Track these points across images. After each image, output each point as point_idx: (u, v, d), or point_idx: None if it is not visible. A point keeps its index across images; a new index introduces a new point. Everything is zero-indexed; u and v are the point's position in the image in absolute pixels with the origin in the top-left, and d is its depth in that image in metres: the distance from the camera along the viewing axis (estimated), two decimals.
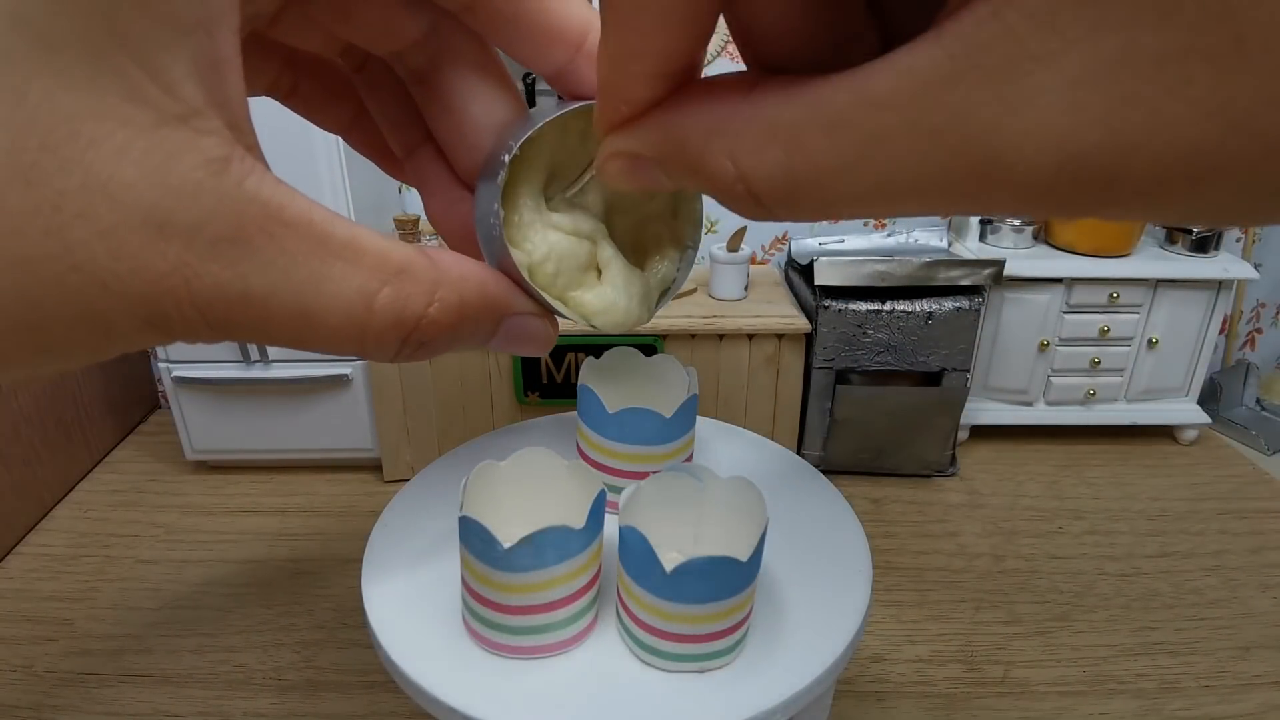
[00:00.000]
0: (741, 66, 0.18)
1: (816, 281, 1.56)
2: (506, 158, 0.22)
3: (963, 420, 1.74)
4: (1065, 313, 1.72)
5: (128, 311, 0.14)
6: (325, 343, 0.17)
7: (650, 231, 0.27)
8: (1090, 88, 0.11)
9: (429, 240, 1.65)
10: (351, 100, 0.26)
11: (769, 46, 0.17)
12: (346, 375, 1.64)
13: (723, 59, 1.77)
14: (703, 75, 0.17)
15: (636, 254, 0.27)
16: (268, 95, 0.24)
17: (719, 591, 0.50)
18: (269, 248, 0.15)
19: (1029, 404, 1.83)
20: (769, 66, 0.17)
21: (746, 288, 1.66)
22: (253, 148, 0.15)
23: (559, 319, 0.24)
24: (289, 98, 0.25)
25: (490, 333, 0.21)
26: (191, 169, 0.14)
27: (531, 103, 1.73)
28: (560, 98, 0.24)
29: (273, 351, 1.62)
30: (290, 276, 0.15)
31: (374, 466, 1.76)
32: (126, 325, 0.14)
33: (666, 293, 0.28)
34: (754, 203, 0.15)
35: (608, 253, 0.26)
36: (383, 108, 0.25)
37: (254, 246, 0.15)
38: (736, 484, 0.55)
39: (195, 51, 0.14)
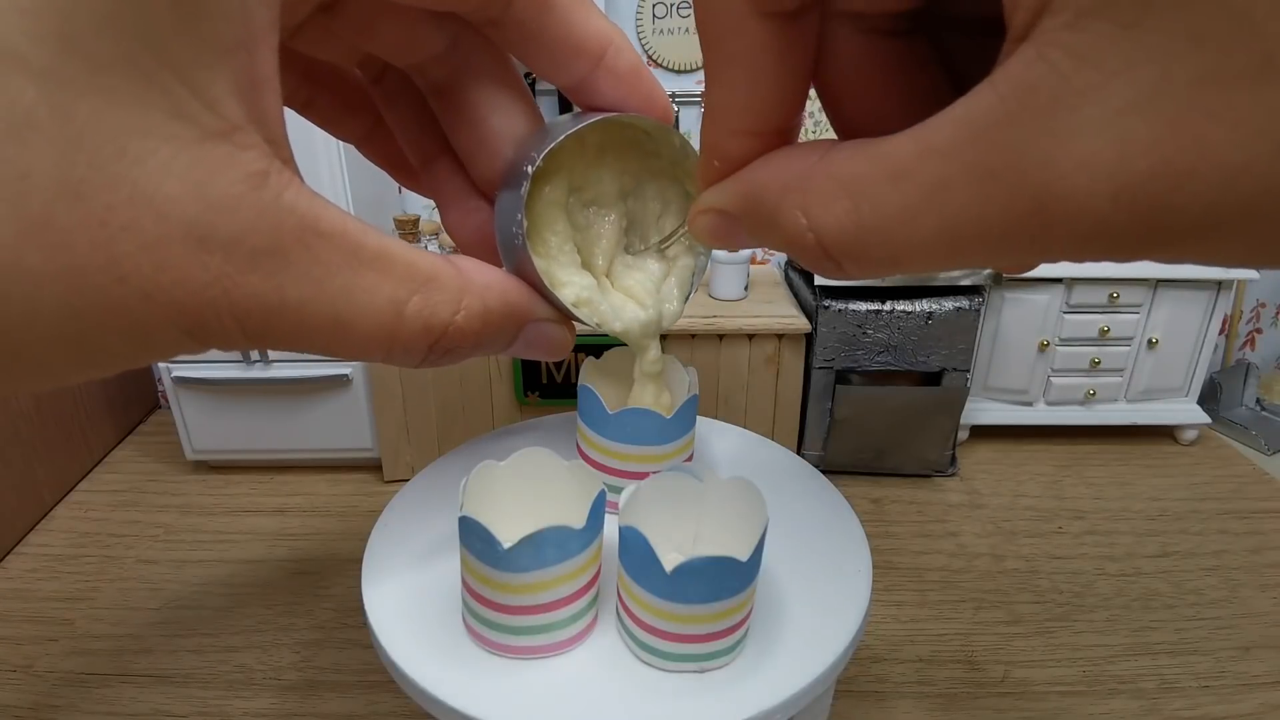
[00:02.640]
0: None
1: (816, 281, 1.56)
2: (530, 169, 0.22)
3: (963, 420, 1.74)
4: (1065, 313, 1.72)
5: (168, 322, 0.14)
6: (356, 350, 0.17)
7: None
8: (1134, 117, 0.11)
9: (427, 241, 1.65)
10: (368, 112, 0.26)
11: (856, 116, 0.18)
12: (346, 375, 1.64)
13: None
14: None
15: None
16: (285, 106, 0.24)
17: (719, 591, 0.50)
18: (305, 259, 0.15)
19: (1029, 404, 1.83)
20: (858, 135, 0.17)
21: (747, 288, 1.66)
22: (289, 161, 0.16)
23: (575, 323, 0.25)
24: (306, 109, 0.25)
25: (511, 338, 0.22)
26: (232, 183, 0.14)
27: None
28: (577, 111, 0.24)
29: (273, 351, 1.62)
30: (324, 286, 0.16)
31: (374, 466, 1.76)
32: (166, 335, 0.15)
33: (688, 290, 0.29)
34: (823, 254, 0.16)
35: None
36: (400, 119, 0.25)
37: (291, 258, 0.15)
38: (736, 484, 0.55)
39: (236, 70, 0.14)
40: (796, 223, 0.16)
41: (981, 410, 1.83)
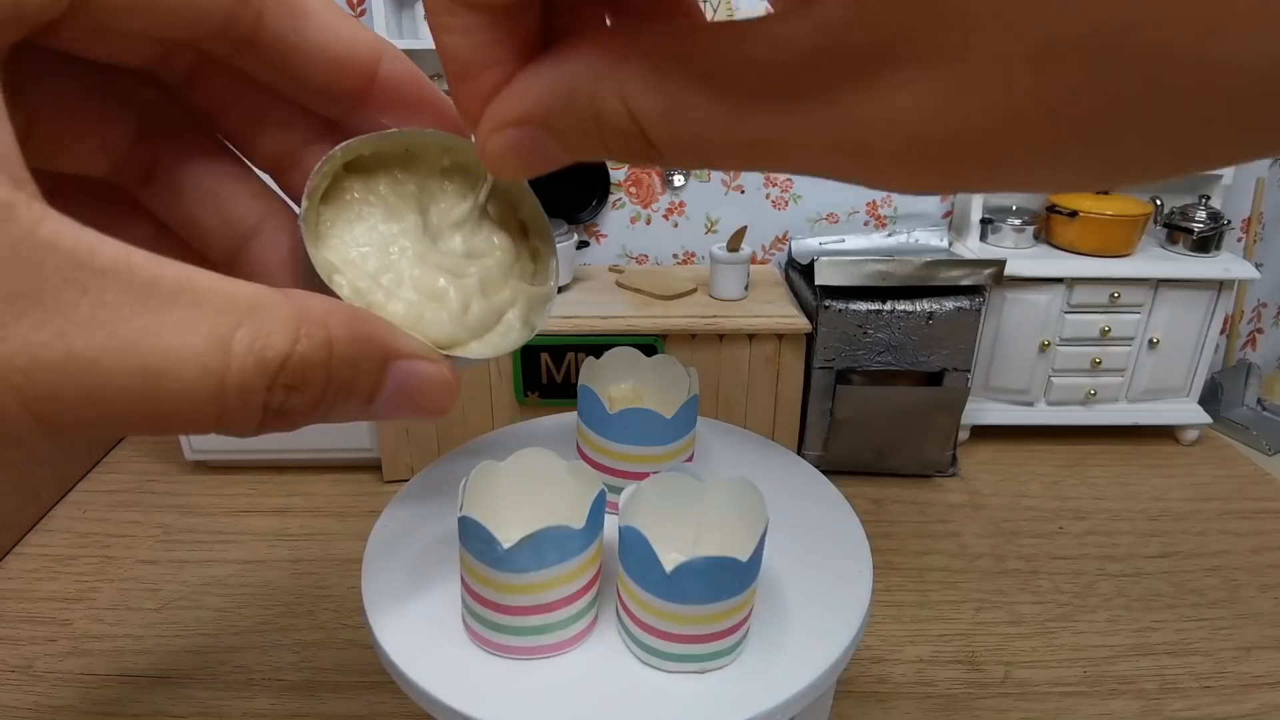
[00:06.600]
0: None
1: (817, 281, 1.56)
2: (306, 192, 0.21)
3: (963, 420, 1.74)
4: (1066, 313, 1.72)
5: None
6: (180, 409, 0.14)
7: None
8: (935, 76, 0.12)
9: None
10: (144, 217, 0.22)
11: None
12: None
13: None
14: None
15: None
16: None
17: (719, 592, 0.50)
18: (84, 302, 0.12)
19: (1030, 404, 1.83)
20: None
21: (747, 288, 1.65)
22: (38, 196, 0.13)
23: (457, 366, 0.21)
24: None
25: (375, 380, 0.17)
26: None
27: None
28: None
29: None
30: (119, 332, 0.13)
31: (374, 466, 1.75)
32: None
33: (539, 311, 0.25)
34: (646, 144, 0.15)
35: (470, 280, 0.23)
36: (187, 215, 0.22)
37: (63, 301, 0.12)
38: (736, 484, 0.55)
39: None
40: (617, 109, 0.15)
41: (982, 410, 1.82)
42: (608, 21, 0.18)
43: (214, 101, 0.21)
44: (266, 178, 0.23)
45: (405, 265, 0.22)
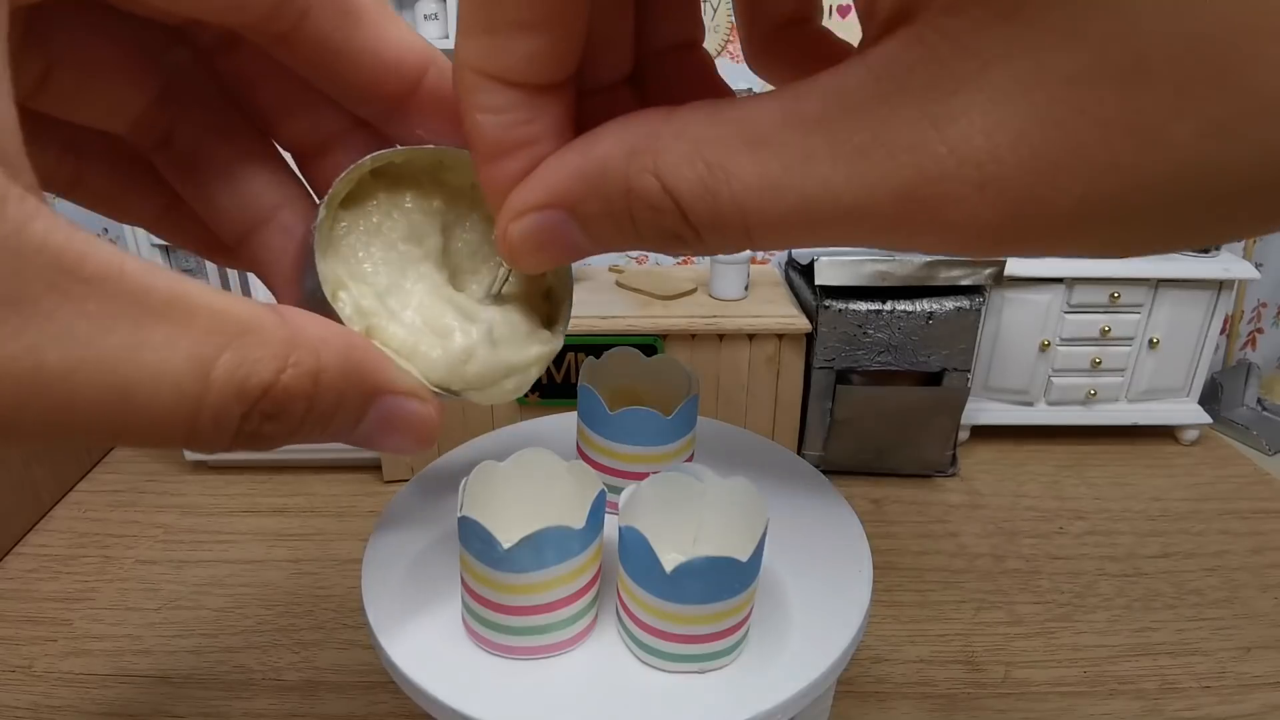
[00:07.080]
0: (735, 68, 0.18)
1: (817, 281, 1.56)
2: (326, 198, 0.20)
3: (963, 420, 1.74)
4: (1066, 312, 1.72)
5: None
6: (149, 428, 0.13)
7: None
8: (1008, 106, 0.11)
9: None
10: (157, 185, 0.21)
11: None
12: None
13: (722, 58, 1.77)
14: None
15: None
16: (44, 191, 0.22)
17: (719, 592, 0.50)
18: (64, 310, 0.12)
19: (1029, 404, 1.83)
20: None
21: (747, 288, 1.65)
22: (34, 188, 0.12)
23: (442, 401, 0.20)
24: (73, 191, 0.20)
25: (358, 413, 0.17)
26: None
27: None
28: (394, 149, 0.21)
29: None
30: (95, 346, 0.12)
31: (374, 466, 1.75)
32: None
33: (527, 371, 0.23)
34: (682, 222, 0.14)
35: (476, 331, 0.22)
36: (201, 187, 0.21)
37: (43, 309, 0.11)
38: (736, 484, 0.55)
39: None
40: (651, 186, 0.14)
41: (982, 410, 1.82)
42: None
43: (245, 75, 0.20)
44: (290, 158, 0.22)
45: (419, 291, 0.22)
